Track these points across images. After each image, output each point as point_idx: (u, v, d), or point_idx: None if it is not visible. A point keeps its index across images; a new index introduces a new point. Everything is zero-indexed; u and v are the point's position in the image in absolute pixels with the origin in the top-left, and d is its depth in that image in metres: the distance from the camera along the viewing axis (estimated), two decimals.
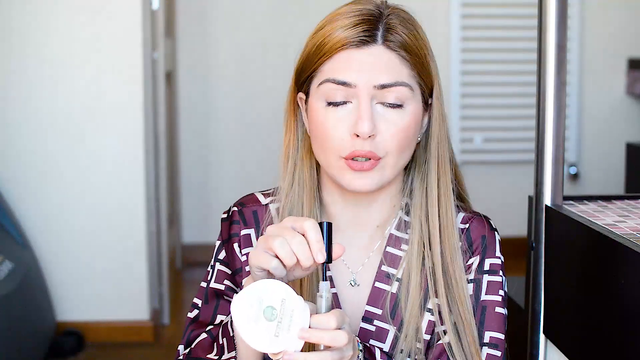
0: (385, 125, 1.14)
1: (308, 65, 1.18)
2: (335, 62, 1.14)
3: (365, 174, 1.15)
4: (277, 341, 0.98)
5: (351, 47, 1.13)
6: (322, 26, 1.17)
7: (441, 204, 1.20)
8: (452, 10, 4.30)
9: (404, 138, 1.15)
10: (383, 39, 1.14)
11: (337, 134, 1.14)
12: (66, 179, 3.19)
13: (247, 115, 4.33)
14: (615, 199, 1.45)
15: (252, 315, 0.98)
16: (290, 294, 0.99)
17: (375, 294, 1.21)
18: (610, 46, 4.36)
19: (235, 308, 0.98)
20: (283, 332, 0.98)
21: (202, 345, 1.19)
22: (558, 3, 1.33)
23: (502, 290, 1.22)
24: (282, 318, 0.98)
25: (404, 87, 1.14)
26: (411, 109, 1.16)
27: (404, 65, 1.15)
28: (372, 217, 1.24)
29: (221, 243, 1.27)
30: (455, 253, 1.19)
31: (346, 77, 1.13)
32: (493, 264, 1.22)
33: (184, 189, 4.38)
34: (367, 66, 1.13)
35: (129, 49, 3.16)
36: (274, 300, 0.98)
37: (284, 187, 1.24)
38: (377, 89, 1.13)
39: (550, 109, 1.35)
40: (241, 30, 4.30)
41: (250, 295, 0.99)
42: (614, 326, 1.13)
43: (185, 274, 4.25)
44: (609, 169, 4.34)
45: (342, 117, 1.14)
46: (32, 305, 2.96)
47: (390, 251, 1.23)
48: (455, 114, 4.34)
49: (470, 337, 1.17)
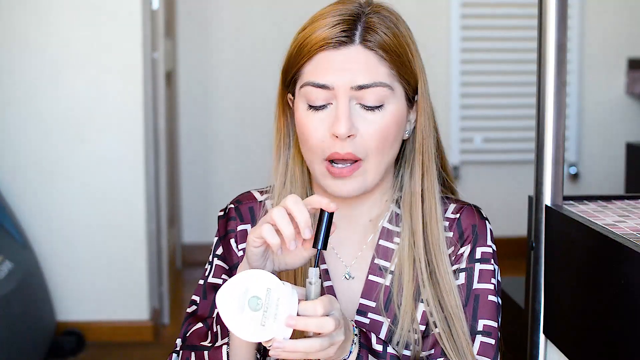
0: (364, 125, 1.14)
1: (291, 66, 1.19)
2: (314, 64, 1.15)
3: (346, 181, 1.16)
4: (263, 330, 0.98)
5: (329, 48, 1.14)
6: (304, 27, 1.18)
7: (425, 200, 1.21)
8: (452, 10, 4.29)
9: (384, 138, 1.16)
10: (361, 38, 1.14)
11: (318, 135, 1.15)
12: (66, 179, 3.19)
13: (247, 115, 4.33)
14: (615, 199, 1.45)
15: (237, 305, 0.98)
16: (275, 283, 0.99)
17: (368, 287, 1.22)
18: (610, 46, 4.36)
19: (220, 299, 0.99)
20: (269, 321, 0.98)
21: (197, 334, 1.21)
22: (558, 3, 1.33)
23: (494, 279, 1.22)
24: (267, 307, 0.98)
25: (382, 87, 1.14)
26: (391, 108, 1.16)
27: (382, 65, 1.14)
28: (365, 213, 1.25)
29: (218, 239, 1.28)
30: (439, 248, 1.20)
31: (325, 79, 1.14)
32: (484, 253, 1.23)
33: (184, 189, 4.38)
34: (345, 66, 1.13)
35: (129, 49, 3.16)
36: (259, 290, 0.99)
37: (276, 185, 1.25)
38: (355, 90, 1.13)
39: (550, 109, 1.35)
40: (241, 30, 4.30)
41: (235, 286, 0.99)
42: (614, 326, 1.13)
43: (185, 273, 4.25)
44: (609, 169, 4.34)
45: (322, 119, 1.15)
46: (32, 305, 2.96)
47: (382, 244, 1.24)
48: (455, 114, 4.34)
49: (459, 328, 1.17)
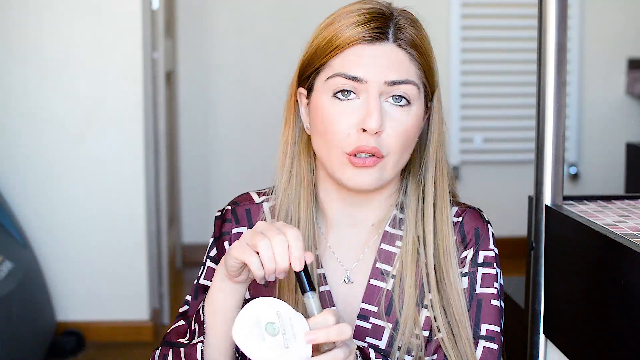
0: (391, 123, 1.15)
1: (316, 59, 1.18)
2: (346, 57, 1.15)
3: (366, 170, 1.15)
4: (289, 352, 0.97)
5: (363, 42, 1.14)
6: (331, 22, 1.18)
7: (437, 207, 1.21)
8: (452, 10, 4.30)
9: (407, 139, 1.16)
10: (394, 36, 1.15)
11: (343, 128, 1.15)
12: (66, 179, 3.19)
13: (247, 115, 4.33)
14: (615, 199, 1.45)
15: (256, 336, 0.97)
16: (281, 305, 0.99)
17: (370, 292, 1.21)
18: (610, 46, 4.36)
19: (239, 337, 0.98)
20: (291, 342, 0.98)
21: (177, 331, 1.20)
22: (558, 3, 1.33)
23: (496, 283, 1.22)
24: (284, 329, 0.98)
25: (412, 85, 1.15)
26: (415, 109, 1.17)
27: (412, 64, 1.16)
28: (368, 216, 1.25)
29: (213, 240, 1.28)
30: (449, 255, 1.19)
31: (357, 72, 1.14)
32: (487, 257, 1.22)
33: (184, 189, 4.38)
34: (378, 61, 1.14)
35: (129, 49, 3.16)
36: (270, 316, 0.98)
37: (281, 183, 1.24)
38: (387, 85, 1.14)
39: (550, 109, 1.35)
40: (241, 30, 4.30)
41: (246, 319, 0.98)
42: (614, 326, 1.13)
43: (185, 274, 4.25)
44: (609, 169, 4.34)
45: (348, 112, 1.15)
46: (32, 305, 2.96)
47: (384, 248, 1.23)
48: (455, 114, 4.34)
49: (463, 334, 1.17)
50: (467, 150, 4.38)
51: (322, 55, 1.17)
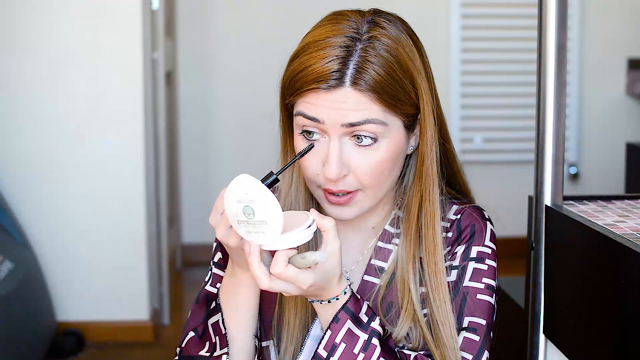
0: (357, 162, 1.13)
1: (287, 91, 1.16)
2: (305, 99, 1.12)
3: (344, 208, 1.15)
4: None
5: (320, 90, 1.11)
6: (300, 51, 1.15)
7: (425, 218, 1.19)
8: (452, 10, 4.29)
9: (379, 173, 1.14)
10: (351, 80, 1.10)
11: (311, 167, 1.14)
12: (66, 179, 3.19)
13: (247, 115, 4.32)
14: (615, 199, 1.45)
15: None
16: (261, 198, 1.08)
17: (363, 287, 1.22)
18: (610, 46, 4.36)
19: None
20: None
21: (192, 343, 1.20)
22: (558, 3, 1.33)
23: (487, 278, 1.21)
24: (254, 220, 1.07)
25: (374, 124, 1.11)
26: (386, 143, 1.13)
27: (374, 103, 1.11)
28: (368, 220, 1.25)
29: (217, 244, 1.28)
30: (434, 247, 1.19)
31: (316, 114, 1.11)
32: (481, 252, 1.22)
33: (184, 189, 4.38)
34: (335, 105, 1.10)
35: (129, 49, 3.16)
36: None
37: (282, 186, 1.24)
38: (346, 127, 1.11)
39: (550, 109, 1.35)
40: (241, 30, 4.30)
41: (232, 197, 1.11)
42: (614, 326, 1.13)
43: (185, 274, 4.25)
44: (609, 169, 4.34)
45: (315, 152, 1.13)
46: (32, 305, 2.96)
47: (381, 245, 1.24)
48: (455, 114, 4.34)
49: (447, 326, 1.16)
50: (467, 150, 4.38)
51: (289, 91, 1.15)
